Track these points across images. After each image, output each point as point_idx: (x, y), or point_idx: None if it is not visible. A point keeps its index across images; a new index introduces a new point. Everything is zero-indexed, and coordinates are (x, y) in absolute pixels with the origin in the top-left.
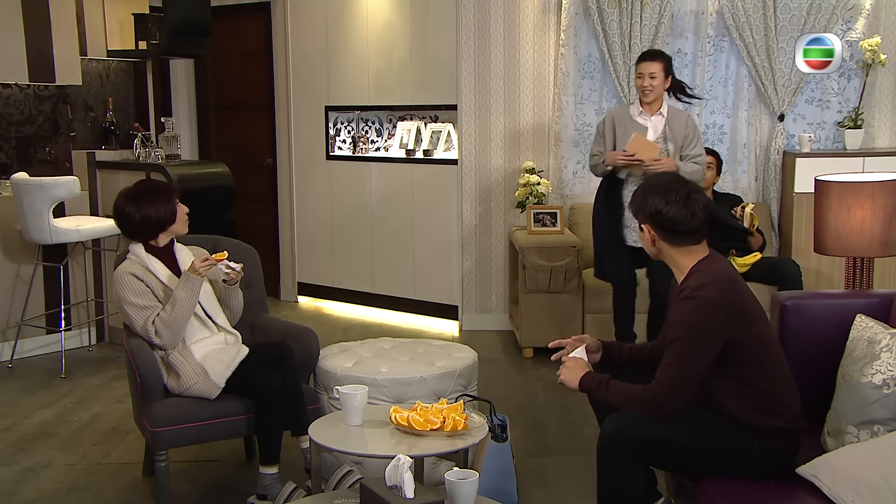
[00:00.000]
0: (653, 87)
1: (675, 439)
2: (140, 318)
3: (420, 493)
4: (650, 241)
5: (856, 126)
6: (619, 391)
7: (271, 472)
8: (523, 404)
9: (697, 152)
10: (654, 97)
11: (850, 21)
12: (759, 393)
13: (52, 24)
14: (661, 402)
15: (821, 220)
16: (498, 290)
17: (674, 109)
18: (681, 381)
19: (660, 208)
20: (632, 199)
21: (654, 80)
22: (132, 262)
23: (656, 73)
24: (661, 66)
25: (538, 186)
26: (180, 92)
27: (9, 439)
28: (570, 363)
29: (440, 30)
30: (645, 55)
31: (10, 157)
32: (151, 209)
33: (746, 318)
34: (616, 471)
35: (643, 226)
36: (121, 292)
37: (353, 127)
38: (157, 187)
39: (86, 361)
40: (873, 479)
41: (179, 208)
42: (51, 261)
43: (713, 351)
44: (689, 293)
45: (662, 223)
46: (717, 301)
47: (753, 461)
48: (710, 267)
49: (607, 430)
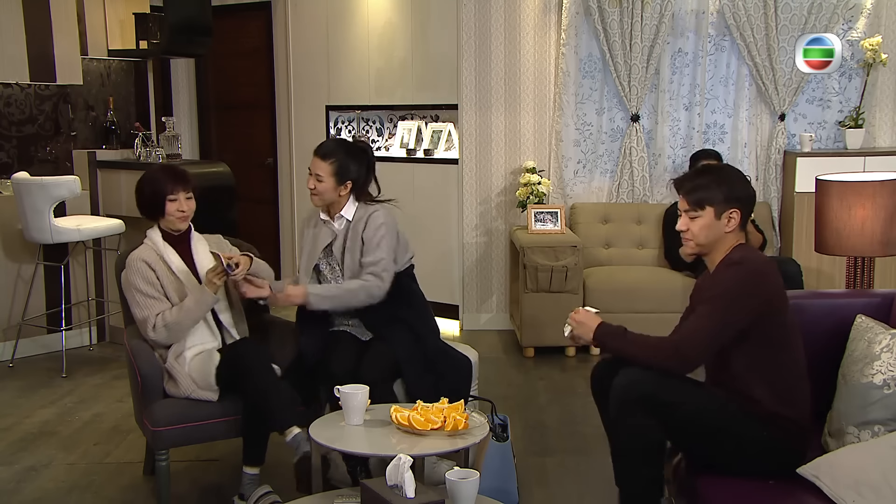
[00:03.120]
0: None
1: (687, 407)
2: (142, 307)
3: (421, 493)
4: (726, 229)
5: (857, 125)
6: (638, 338)
7: (251, 472)
8: (524, 404)
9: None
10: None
11: (851, 20)
12: (777, 377)
13: (52, 23)
14: (681, 350)
15: (821, 220)
16: (499, 290)
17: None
18: (705, 337)
19: (754, 193)
20: (698, 189)
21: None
22: (147, 247)
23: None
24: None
25: (539, 186)
26: (181, 91)
27: (10, 439)
28: (580, 316)
29: (441, 29)
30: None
31: (11, 156)
32: (147, 187)
33: (782, 300)
34: (632, 419)
35: (732, 212)
36: (131, 277)
37: (354, 126)
38: (165, 172)
39: (86, 361)
40: (874, 479)
41: (175, 203)
42: (52, 260)
43: (743, 319)
44: (737, 260)
45: (752, 206)
46: (764, 273)
47: (759, 451)
48: (751, 250)
49: (622, 382)
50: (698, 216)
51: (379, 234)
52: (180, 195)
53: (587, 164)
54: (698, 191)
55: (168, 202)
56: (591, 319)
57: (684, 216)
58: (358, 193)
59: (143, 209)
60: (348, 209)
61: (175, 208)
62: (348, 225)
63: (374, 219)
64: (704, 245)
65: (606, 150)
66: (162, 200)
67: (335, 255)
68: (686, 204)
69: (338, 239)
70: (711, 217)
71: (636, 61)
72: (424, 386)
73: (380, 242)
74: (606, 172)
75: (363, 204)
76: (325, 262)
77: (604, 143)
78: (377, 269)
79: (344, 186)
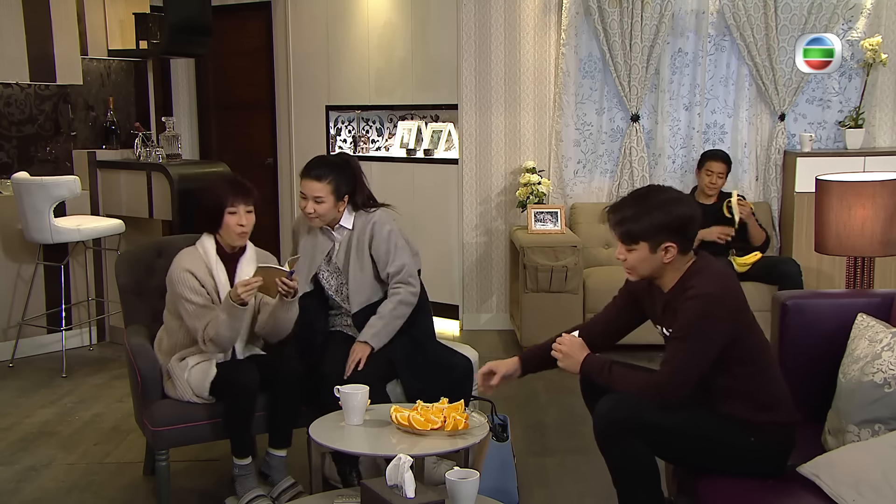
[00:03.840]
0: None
1: (669, 425)
2: (192, 316)
3: (421, 493)
4: (665, 260)
5: (856, 125)
6: (622, 377)
7: (240, 462)
8: (524, 404)
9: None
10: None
11: (851, 20)
12: (755, 389)
13: (52, 23)
14: (664, 392)
15: (821, 220)
16: (499, 290)
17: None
18: (685, 373)
19: (689, 213)
20: (626, 222)
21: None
22: (196, 256)
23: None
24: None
25: (539, 186)
26: (181, 91)
27: (10, 439)
28: (566, 347)
29: (441, 29)
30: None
31: (11, 156)
32: (208, 197)
33: (747, 312)
34: (618, 449)
35: (667, 245)
36: (178, 288)
37: (354, 126)
38: (228, 183)
39: (86, 361)
40: (874, 478)
41: (235, 217)
42: (52, 260)
43: (719, 346)
44: (695, 292)
45: (689, 231)
46: (724, 298)
47: (750, 458)
48: (708, 266)
49: (601, 411)
50: (633, 249)
51: (391, 241)
52: (240, 208)
53: (587, 164)
54: (626, 223)
55: (227, 214)
56: (576, 351)
57: (620, 246)
58: (354, 203)
59: (201, 219)
60: (346, 219)
61: (234, 221)
62: (350, 234)
63: (379, 227)
64: (647, 275)
65: (606, 150)
66: (221, 212)
67: (335, 262)
68: (617, 237)
69: (339, 248)
70: (647, 251)
71: (636, 61)
72: (419, 387)
73: (395, 249)
74: (606, 172)
75: (360, 211)
76: (326, 270)
77: (604, 143)
78: (404, 276)
79: (342, 201)
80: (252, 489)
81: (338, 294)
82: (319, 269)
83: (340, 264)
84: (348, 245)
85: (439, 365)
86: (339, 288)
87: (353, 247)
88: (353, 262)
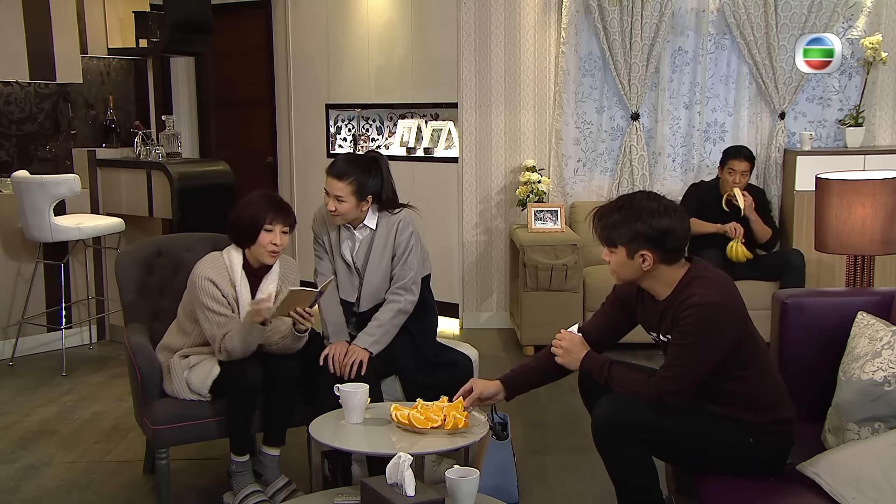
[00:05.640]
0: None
1: (666, 427)
2: (211, 324)
3: (421, 491)
4: (643, 268)
5: (857, 124)
6: (622, 378)
7: (238, 459)
8: (524, 402)
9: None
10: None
11: (852, 19)
12: (754, 392)
13: (52, 22)
14: (664, 398)
15: (821, 218)
16: (498, 288)
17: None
18: (687, 380)
19: (670, 226)
20: (607, 228)
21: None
22: (220, 267)
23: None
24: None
25: (539, 184)
26: (181, 90)
27: (10, 437)
28: (567, 343)
29: (441, 28)
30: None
31: (11, 154)
32: (246, 211)
33: (747, 317)
34: (616, 452)
35: (643, 253)
36: (199, 294)
37: (354, 125)
38: (268, 200)
39: (86, 359)
40: (874, 476)
41: (270, 235)
42: (51, 259)
43: (721, 353)
44: (699, 300)
45: (668, 243)
46: (728, 307)
47: (750, 458)
48: (707, 273)
49: (599, 413)
50: (614, 253)
51: (409, 244)
52: (277, 227)
53: (587, 162)
54: (606, 228)
55: (263, 231)
56: (576, 348)
57: (605, 249)
58: (380, 204)
59: (235, 232)
60: (370, 219)
61: (268, 240)
62: (372, 234)
63: (403, 226)
64: (628, 280)
65: (606, 149)
66: (258, 228)
67: (353, 261)
68: (600, 240)
69: (360, 246)
70: (624, 256)
71: (636, 60)
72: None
73: (408, 255)
74: (606, 171)
75: (385, 212)
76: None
77: (604, 141)
78: (407, 283)
79: (365, 202)
80: (248, 485)
81: (347, 292)
82: (338, 266)
83: (359, 264)
84: (370, 245)
85: (439, 363)
86: (351, 286)
87: (374, 247)
88: (371, 263)
